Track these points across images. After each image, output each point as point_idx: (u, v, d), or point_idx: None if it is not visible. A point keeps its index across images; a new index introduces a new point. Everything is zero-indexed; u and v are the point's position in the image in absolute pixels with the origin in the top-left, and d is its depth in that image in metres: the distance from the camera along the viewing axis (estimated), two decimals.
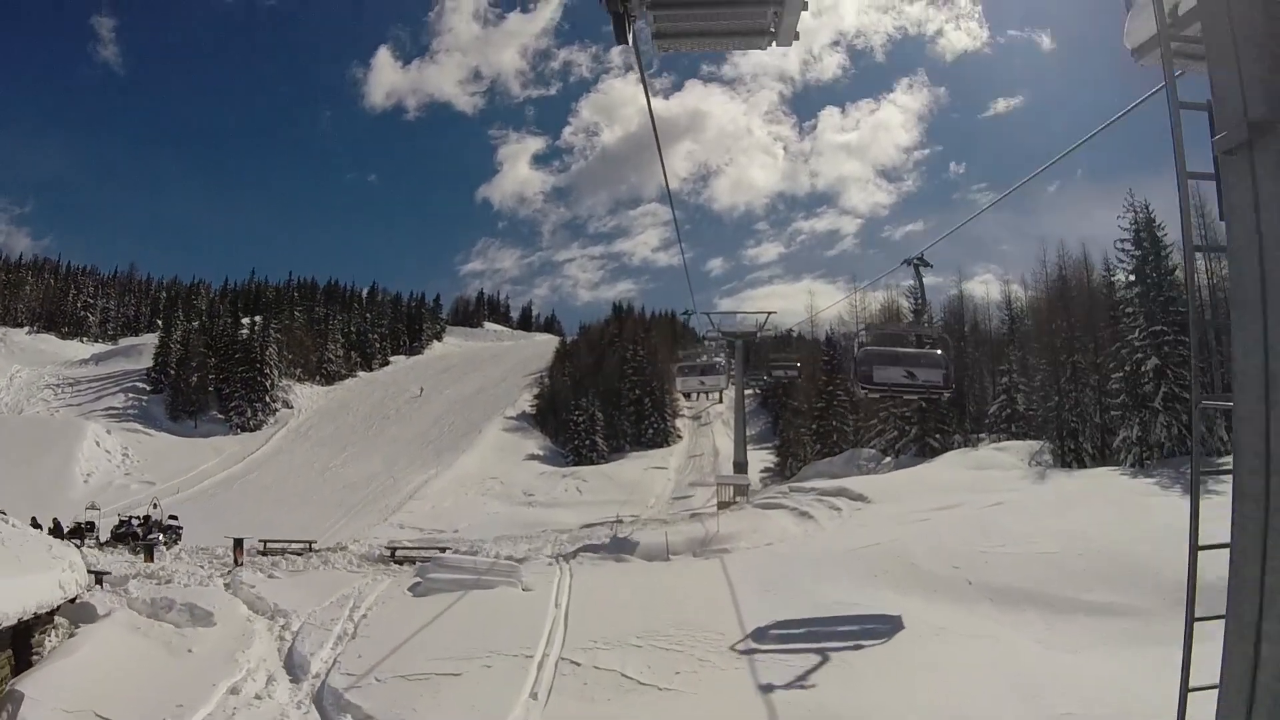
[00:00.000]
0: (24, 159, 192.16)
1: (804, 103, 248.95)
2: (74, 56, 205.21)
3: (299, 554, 27.08)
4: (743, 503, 33.80)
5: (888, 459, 47.05)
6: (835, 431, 54.73)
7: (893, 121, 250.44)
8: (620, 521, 38.31)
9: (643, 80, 7.46)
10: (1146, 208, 39.80)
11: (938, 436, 47.73)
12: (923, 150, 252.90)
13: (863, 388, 19.74)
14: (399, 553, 26.37)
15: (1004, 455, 39.78)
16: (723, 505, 38.06)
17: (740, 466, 42.95)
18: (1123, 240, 39.74)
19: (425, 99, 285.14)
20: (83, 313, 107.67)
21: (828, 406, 55.26)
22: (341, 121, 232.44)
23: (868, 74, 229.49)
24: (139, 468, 68.24)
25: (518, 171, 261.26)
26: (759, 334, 45.10)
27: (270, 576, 21.94)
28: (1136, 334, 37.38)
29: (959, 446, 47.15)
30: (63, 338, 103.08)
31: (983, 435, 48.03)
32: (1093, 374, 41.10)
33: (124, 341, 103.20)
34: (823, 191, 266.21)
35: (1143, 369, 36.31)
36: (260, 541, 28.04)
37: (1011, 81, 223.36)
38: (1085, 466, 39.37)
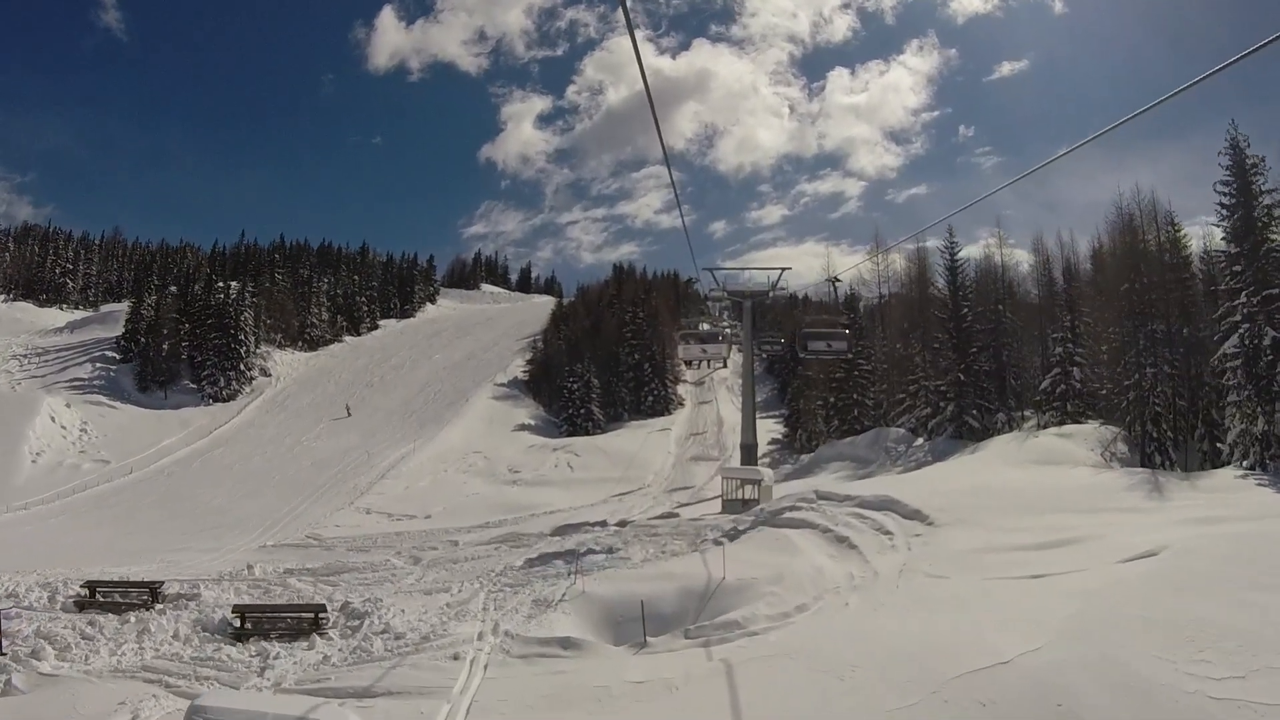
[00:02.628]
0: (24, 126, 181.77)
1: (813, 64, 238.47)
2: (76, 22, 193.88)
3: (132, 607, 18.08)
4: (754, 511, 24.70)
5: (920, 440, 38.03)
6: (856, 405, 45.32)
7: (902, 84, 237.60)
8: (605, 526, 29.50)
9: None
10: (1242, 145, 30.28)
11: (975, 414, 38.50)
12: (931, 113, 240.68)
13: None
14: (246, 617, 17.12)
15: (1070, 445, 30.65)
16: (729, 507, 29.06)
17: (750, 451, 34.05)
18: (1224, 183, 30.16)
19: (429, 60, 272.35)
20: (61, 279, 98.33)
21: (847, 377, 45.83)
22: (345, 84, 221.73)
23: (878, 36, 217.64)
24: (96, 445, 59.58)
25: (521, 132, 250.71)
26: (771, 294, 35.84)
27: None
28: (1244, 299, 28.12)
29: (1001, 427, 37.99)
30: (40, 305, 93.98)
31: (1028, 413, 38.79)
32: (1169, 346, 31.76)
33: (105, 308, 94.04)
34: (830, 153, 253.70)
35: (1263, 342, 27.04)
36: (80, 588, 18.98)
37: (1022, 44, 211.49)
38: (1170, 461, 30.22)
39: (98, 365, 73.61)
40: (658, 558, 20.45)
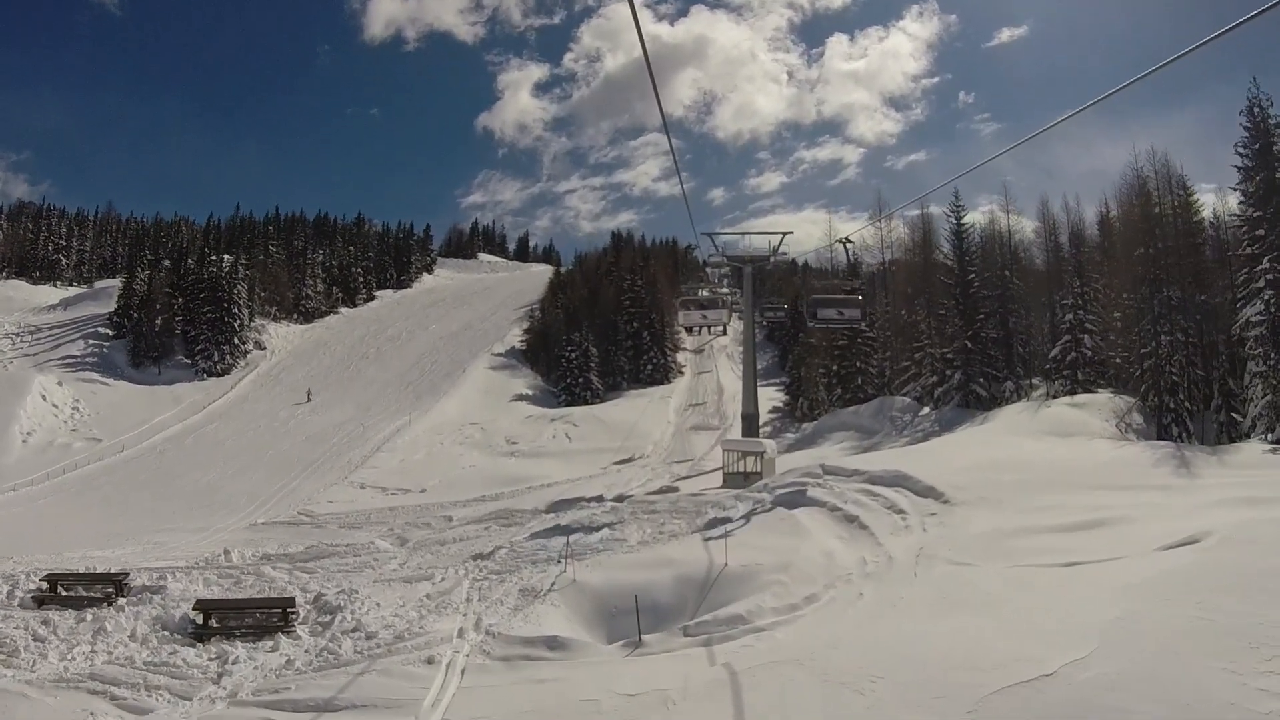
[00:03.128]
0: (19, 103, 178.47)
1: (812, 30, 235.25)
2: None
3: (94, 602, 16.66)
4: (756, 487, 23.23)
5: (926, 409, 36.52)
6: (859, 374, 43.67)
7: (902, 49, 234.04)
8: (601, 502, 28.06)
9: None
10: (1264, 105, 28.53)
11: (982, 382, 36.92)
12: (931, 79, 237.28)
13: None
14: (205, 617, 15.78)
15: (1084, 415, 29.12)
16: (730, 480, 27.61)
17: (751, 421, 32.49)
18: (1244, 145, 28.44)
19: (425, 29, 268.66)
20: (55, 255, 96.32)
21: (850, 344, 44.12)
22: (341, 55, 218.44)
23: (878, 1, 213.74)
24: (88, 423, 58.19)
25: (519, 100, 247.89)
26: (772, 259, 34.11)
27: None
28: (1268, 264, 26.49)
29: (1010, 396, 36.48)
30: (34, 283, 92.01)
31: (1036, 382, 37.23)
32: (1184, 314, 30.13)
33: (100, 284, 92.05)
34: (829, 120, 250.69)
35: None
36: (41, 582, 17.56)
37: (1022, 10, 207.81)
38: (1188, 433, 28.72)
39: (90, 342, 71.96)
40: (655, 539, 18.97)
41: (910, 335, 41.70)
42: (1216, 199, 36.90)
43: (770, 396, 56.45)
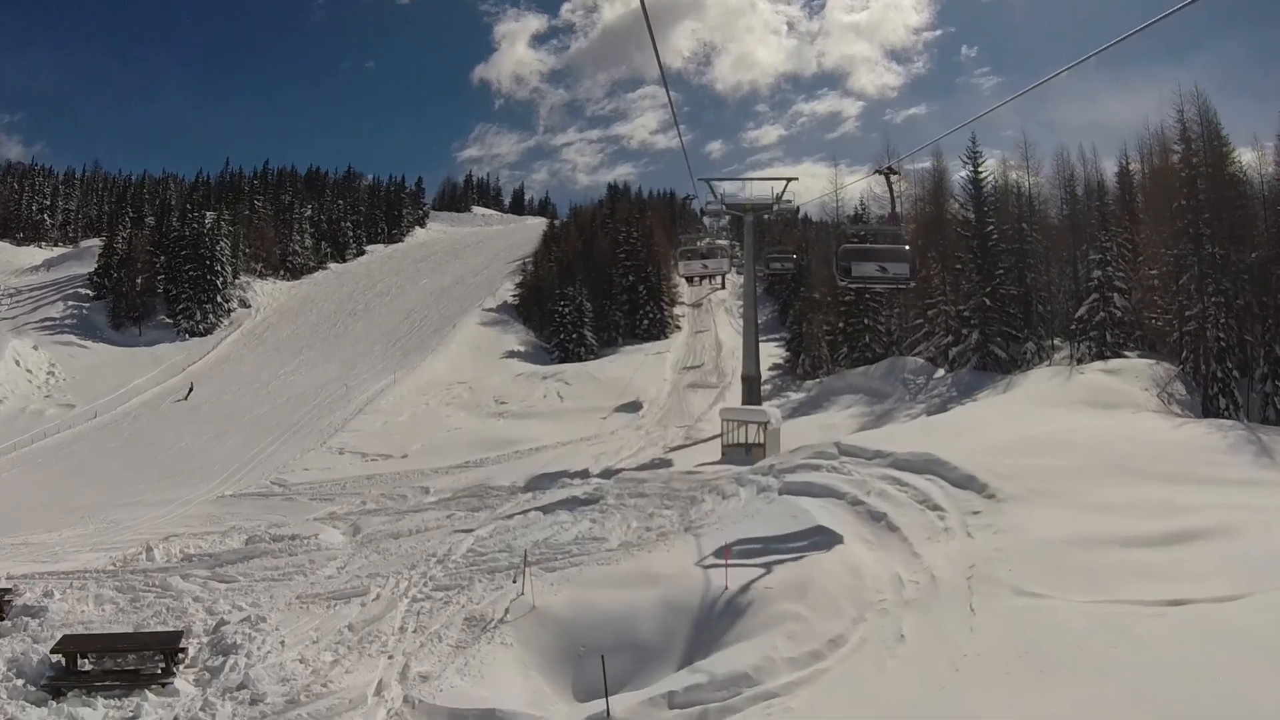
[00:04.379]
0: (9, 64, 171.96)
1: None
2: None
3: None
4: (760, 468, 19.56)
5: (940, 372, 32.73)
6: (866, 331, 39.54)
7: (904, 1, 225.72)
8: (586, 478, 24.52)
9: None
10: None
11: (1000, 342, 33.07)
12: (933, 31, 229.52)
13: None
14: None
15: (1120, 383, 25.42)
16: (730, 454, 23.96)
17: (752, 385, 28.90)
18: None
19: None
20: (39, 216, 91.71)
21: (857, 300, 40.05)
22: (335, 7, 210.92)
23: None
24: (63, 388, 54.54)
25: (515, 51, 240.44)
26: (776, 207, 30.12)
27: None
28: None
29: (1031, 358, 32.67)
30: (18, 244, 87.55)
31: (1057, 343, 33.46)
32: (1227, 273, 26.32)
33: (85, 244, 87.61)
34: (829, 72, 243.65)
35: None
36: None
37: None
38: (1235, 405, 25.09)
39: (70, 304, 67.97)
40: (641, 540, 15.42)
41: (922, 291, 37.60)
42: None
43: (770, 353, 52.71)
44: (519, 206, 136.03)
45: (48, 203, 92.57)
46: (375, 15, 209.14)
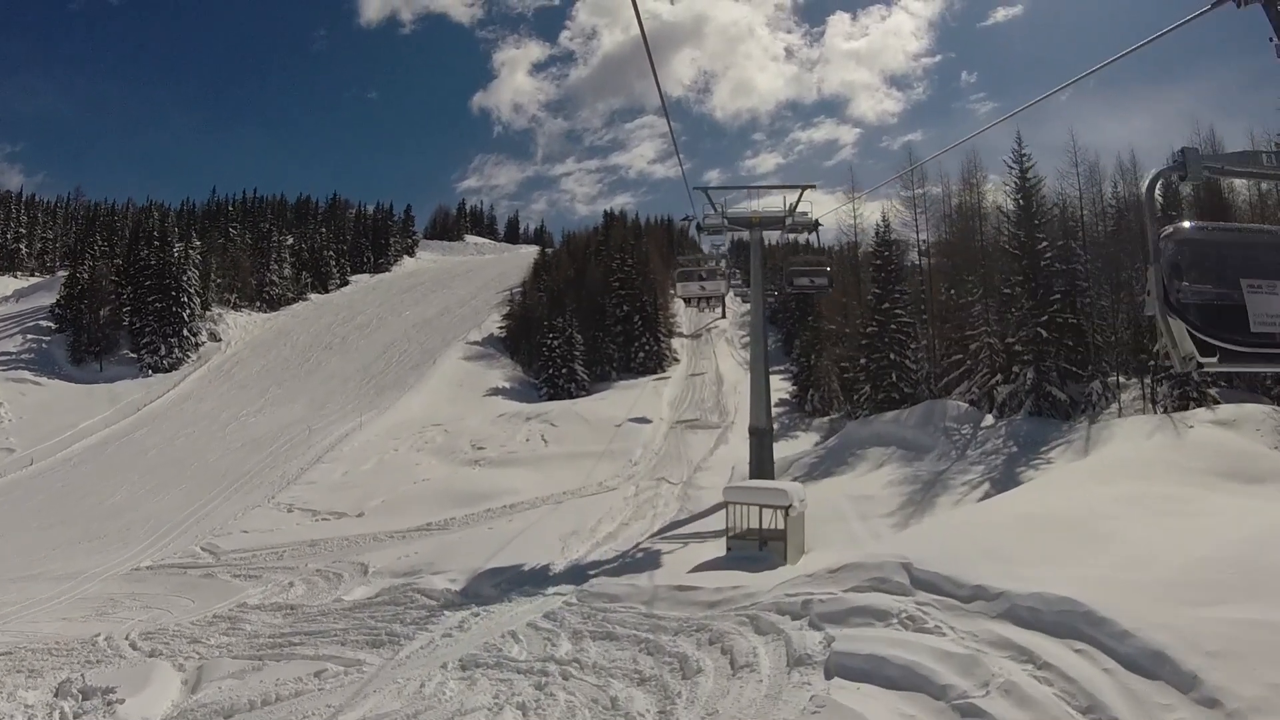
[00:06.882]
0: (13, 91, 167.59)
1: (813, 9, 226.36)
2: None
3: None
4: (788, 604, 13.19)
5: (989, 419, 26.41)
6: (894, 368, 32.80)
7: (903, 28, 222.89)
8: (549, 576, 18.36)
9: None
10: None
11: (1056, 379, 26.80)
12: (932, 58, 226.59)
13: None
14: None
15: (1242, 438, 19.42)
16: (738, 547, 17.69)
17: (763, 441, 22.71)
18: None
19: (421, 10, 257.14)
20: (13, 245, 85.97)
21: (881, 332, 33.73)
22: (337, 39, 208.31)
23: None
24: (7, 429, 48.71)
25: (514, 80, 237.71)
26: (789, 219, 24.17)
27: None
28: None
29: (1098, 401, 26.45)
30: None
31: (1124, 381, 27.37)
32: None
33: (62, 273, 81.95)
34: (828, 99, 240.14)
35: None
36: None
37: None
38: None
39: (29, 337, 62.27)
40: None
41: (958, 322, 31.28)
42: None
43: (775, 387, 46.58)
44: (514, 235, 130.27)
45: (23, 231, 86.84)
46: (377, 45, 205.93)
